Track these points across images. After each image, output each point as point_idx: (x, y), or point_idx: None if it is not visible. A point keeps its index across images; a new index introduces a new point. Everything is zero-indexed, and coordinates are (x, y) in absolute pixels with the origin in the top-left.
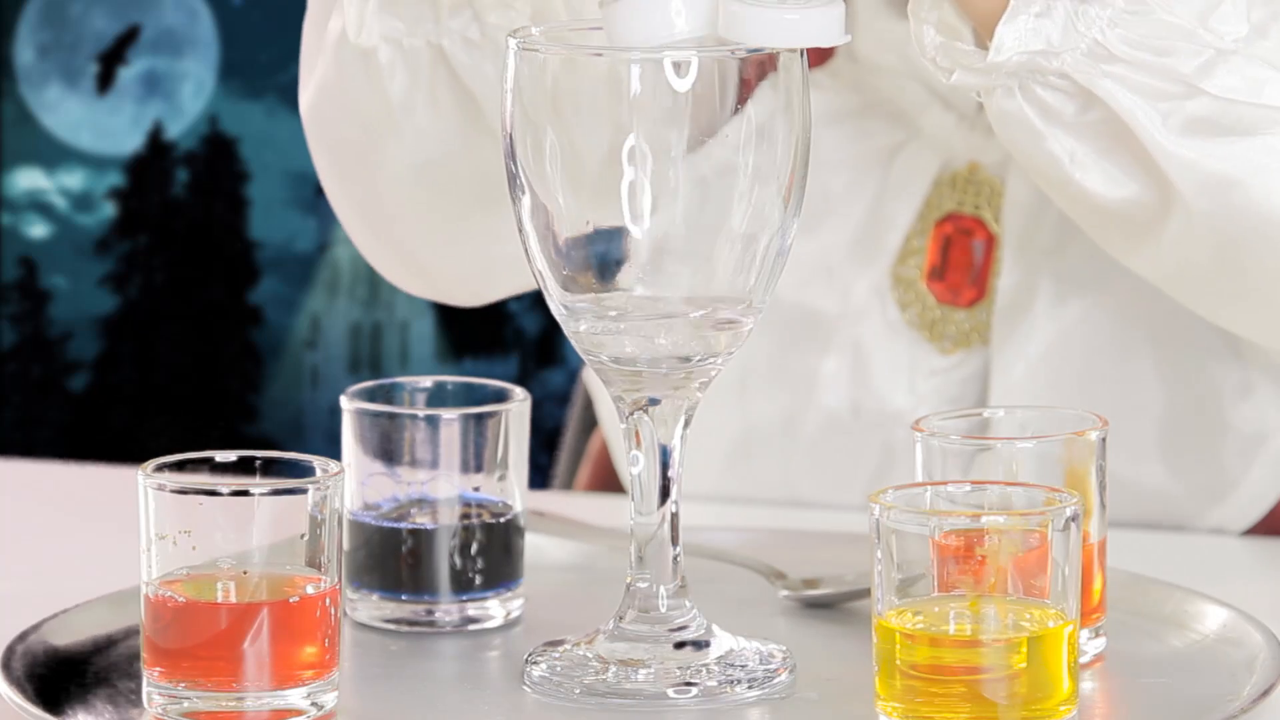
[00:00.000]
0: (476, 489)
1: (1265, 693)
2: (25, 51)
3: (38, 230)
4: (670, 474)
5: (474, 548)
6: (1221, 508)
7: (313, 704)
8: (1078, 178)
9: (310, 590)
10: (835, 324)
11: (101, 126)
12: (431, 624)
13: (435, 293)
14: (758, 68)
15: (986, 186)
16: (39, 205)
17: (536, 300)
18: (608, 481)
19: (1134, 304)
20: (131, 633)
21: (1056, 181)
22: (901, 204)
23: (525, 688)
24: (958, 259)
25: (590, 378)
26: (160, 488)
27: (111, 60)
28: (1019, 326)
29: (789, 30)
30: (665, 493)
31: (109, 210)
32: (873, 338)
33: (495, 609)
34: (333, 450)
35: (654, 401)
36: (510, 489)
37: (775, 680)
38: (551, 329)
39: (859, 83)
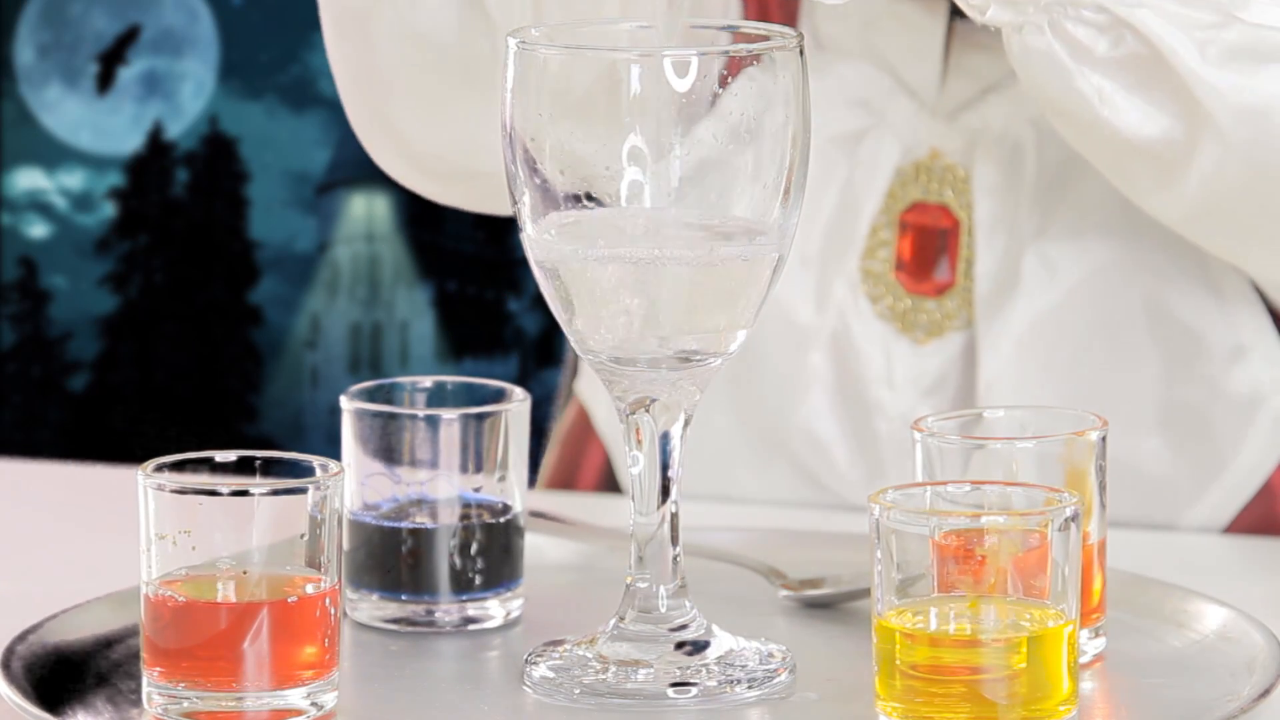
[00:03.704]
0: (476, 489)
1: (1265, 693)
2: (25, 51)
3: (38, 230)
4: (670, 474)
5: (474, 548)
6: (1220, 479)
7: (313, 704)
8: (1106, 115)
9: (310, 590)
10: (815, 319)
11: (101, 126)
12: (431, 624)
13: (418, 171)
14: (738, 62)
15: (949, 173)
16: (39, 205)
17: (536, 300)
18: (571, 466)
19: (1121, 277)
20: (131, 633)
21: (1084, 122)
22: (866, 195)
23: (525, 688)
24: (925, 248)
25: (586, 387)
26: (160, 488)
27: (111, 60)
28: (1002, 309)
29: None
30: (665, 493)
31: (109, 210)
32: (849, 332)
33: (495, 609)
34: (333, 450)
35: (653, 401)
36: (510, 489)
37: (775, 680)
38: (551, 329)
39: (823, 69)
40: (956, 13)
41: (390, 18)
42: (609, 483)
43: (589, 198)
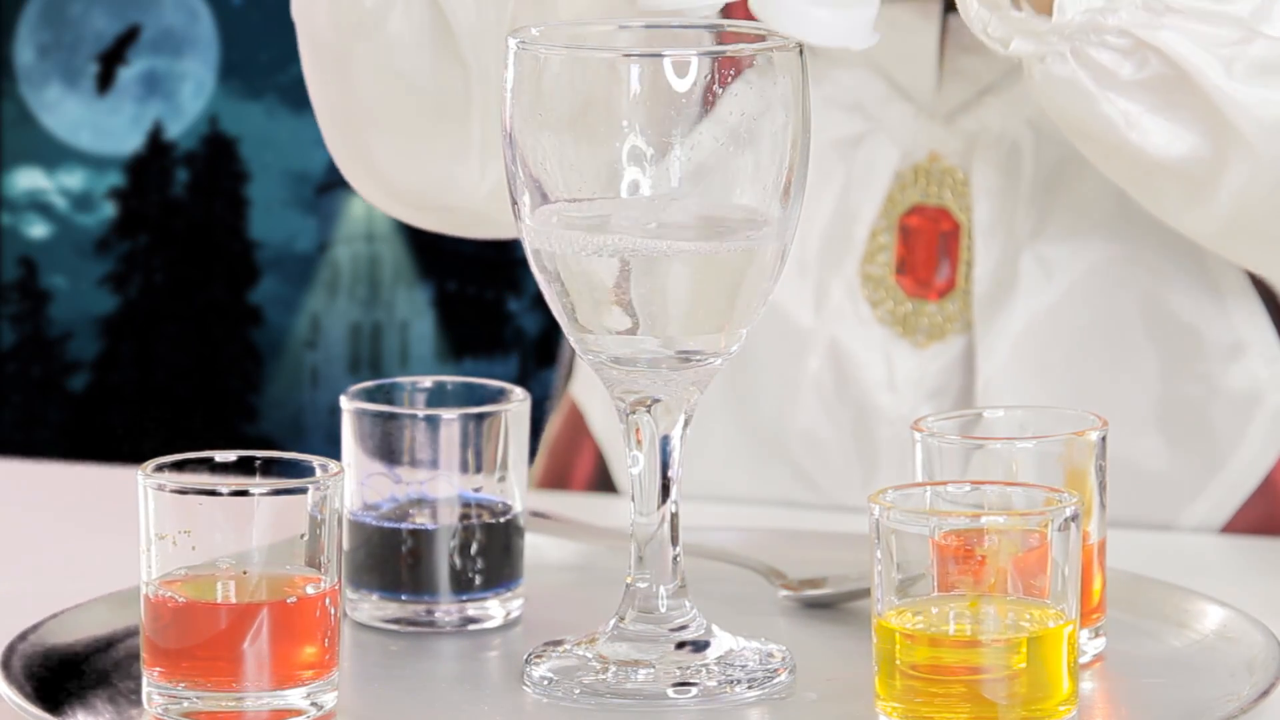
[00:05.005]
0: (476, 489)
1: (1265, 693)
2: (25, 51)
3: (38, 230)
4: (670, 474)
5: (474, 548)
6: (1219, 476)
7: (313, 704)
8: (1134, 139)
9: (310, 590)
10: (813, 323)
11: (101, 126)
12: (431, 624)
13: (396, 202)
14: (739, 63)
15: (949, 176)
16: (39, 205)
17: (536, 300)
18: (561, 473)
19: (1118, 276)
20: (131, 633)
21: (1110, 146)
22: (864, 200)
23: (525, 688)
24: (925, 251)
25: (582, 390)
26: (160, 488)
27: (111, 60)
28: (1000, 311)
29: (817, 27)
30: (665, 493)
31: (109, 210)
32: (848, 336)
33: (495, 609)
34: (333, 450)
35: (655, 401)
36: (510, 489)
37: (775, 680)
38: (551, 329)
39: (818, 75)
40: (950, 12)
41: (367, 57)
42: (599, 489)
43: (589, 197)
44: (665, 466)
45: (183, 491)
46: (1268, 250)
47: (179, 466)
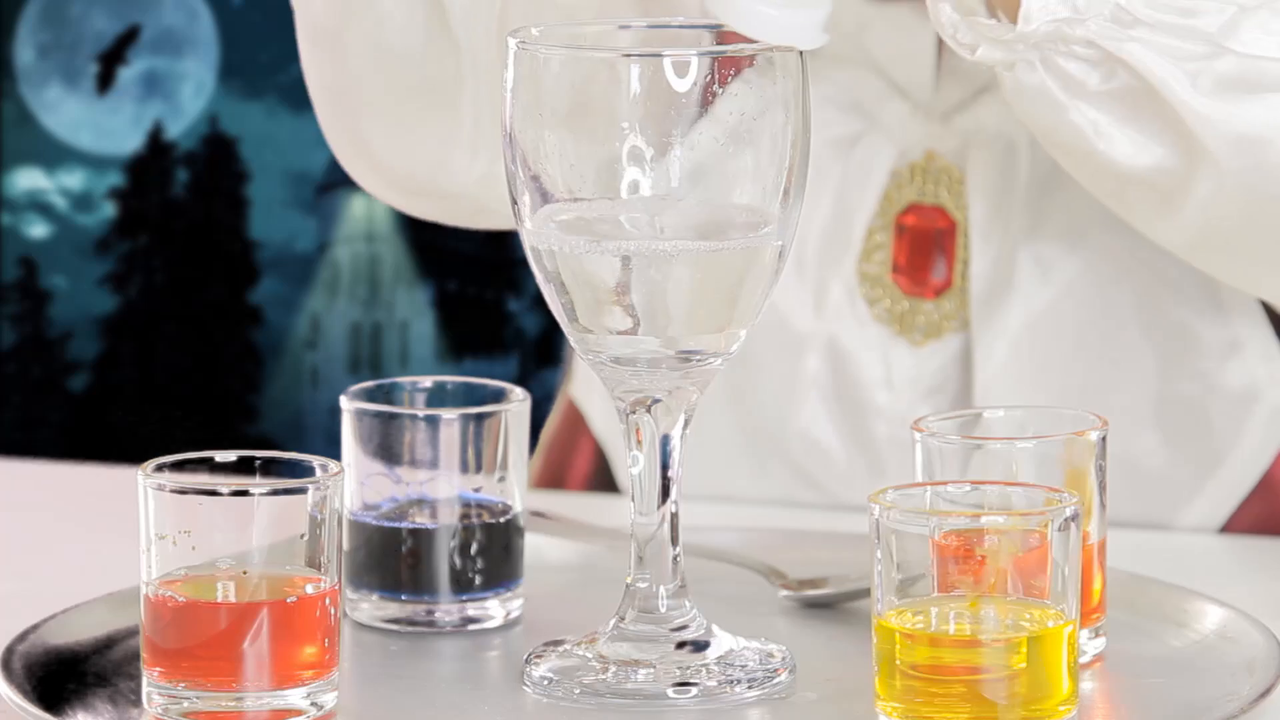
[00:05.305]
0: (476, 489)
1: (1265, 693)
2: (25, 51)
3: (38, 230)
4: (670, 474)
5: (474, 548)
6: (1218, 474)
7: (313, 704)
8: (1101, 148)
9: (310, 590)
10: (812, 323)
11: (101, 126)
12: (431, 624)
13: (389, 186)
14: (739, 62)
15: (945, 175)
16: (39, 205)
17: (536, 300)
18: (558, 473)
19: (1114, 275)
20: (131, 633)
21: (1079, 154)
22: (861, 199)
23: (525, 688)
24: (922, 249)
25: (581, 391)
26: (160, 488)
27: (111, 60)
28: (998, 309)
29: (765, 24)
30: (665, 493)
31: (109, 210)
32: (846, 335)
33: (495, 609)
34: (333, 450)
35: (655, 401)
36: (510, 489)
37: (775, 680)
38: (551, 329)
39: (816, 75)
40: None
41: (360, 34)
42: (596, 489)
43: (589, 197)
44: (665, 466)
45: (183, 491)
46: (1238, 262)
47: (179, 466)
